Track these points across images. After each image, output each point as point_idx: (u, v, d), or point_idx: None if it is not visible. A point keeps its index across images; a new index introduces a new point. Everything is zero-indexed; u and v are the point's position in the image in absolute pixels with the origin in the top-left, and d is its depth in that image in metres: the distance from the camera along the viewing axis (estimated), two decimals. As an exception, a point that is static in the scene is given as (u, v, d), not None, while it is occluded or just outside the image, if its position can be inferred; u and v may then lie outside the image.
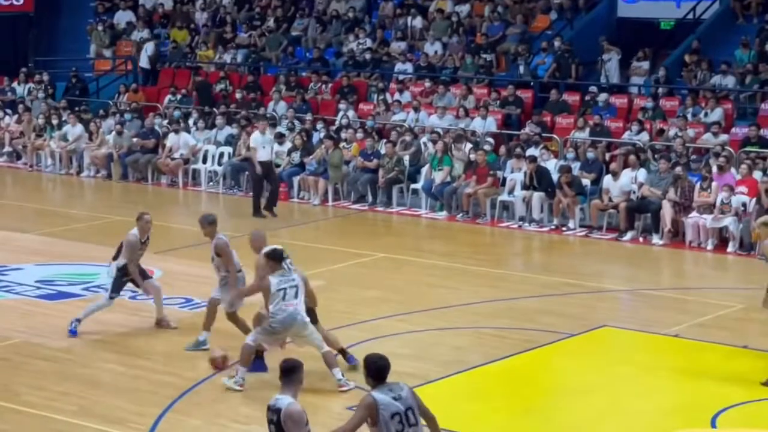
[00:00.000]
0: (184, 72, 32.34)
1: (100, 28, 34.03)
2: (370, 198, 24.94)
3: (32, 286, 18.12)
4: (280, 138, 26.00)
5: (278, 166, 25.42)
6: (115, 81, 32.70)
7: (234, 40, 32.59)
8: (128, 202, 25.38)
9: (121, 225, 22.75)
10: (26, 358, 14.84)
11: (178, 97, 30.50)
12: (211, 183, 26.82)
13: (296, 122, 27.28)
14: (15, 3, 34.37)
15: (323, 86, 29.51)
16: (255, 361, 13.80)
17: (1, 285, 18.15)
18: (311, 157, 25.47)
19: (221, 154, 26.97)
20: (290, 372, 9.03)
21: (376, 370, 9.03)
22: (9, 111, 30.86)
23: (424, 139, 25.71)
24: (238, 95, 29.54)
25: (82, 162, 28.35)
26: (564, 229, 22.70)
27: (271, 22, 32.69)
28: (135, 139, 27.90)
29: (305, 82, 30.06)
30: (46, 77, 32.37)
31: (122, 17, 34.58)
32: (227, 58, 32.11)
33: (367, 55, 30.21)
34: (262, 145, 23.81)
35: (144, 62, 32.32)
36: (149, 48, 32.25)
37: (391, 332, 15.88)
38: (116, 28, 34.33)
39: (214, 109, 28.73)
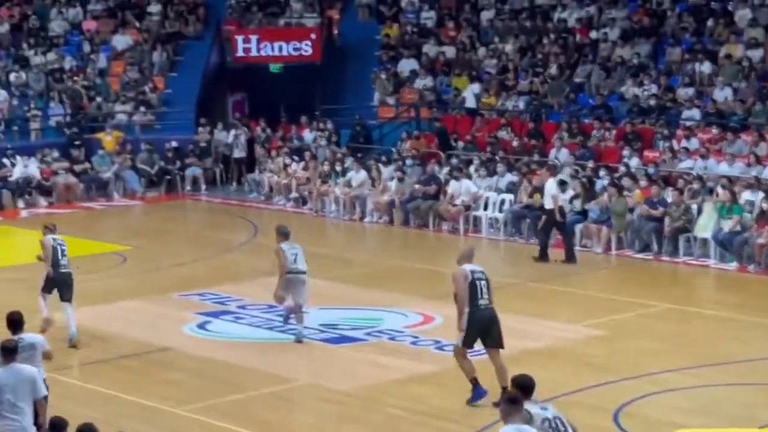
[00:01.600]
0: (465, 119, 32.42)
1: (383, 76, 34.54)
2: (655, 247, 24.27)
3: (316, 329, 18.32)
4: (562, 185, 25.65)
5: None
6: (398, 128, 33.07)
7: (516, 86, 32.52)
8: (409, 248, 25.55)
9: (402, 271, 23.00)
10: (309, 400, 14.97)
11: (460, 144, 30.56)
12: (492, 229, 26.69)
13: (579, 169, 26.89)
14: (303, 54, 35.25)
15: (606, 133, 29.05)
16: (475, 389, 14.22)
17: (286, 328, 18.41)
18: (594, 204, 25.03)
19: (502, 201, 26.83)
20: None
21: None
22: (296, 158, 31.59)
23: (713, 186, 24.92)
24: (515, 143, 29.47)
25: (365, 207, 28.70)
26: None
27: (553, 69, 32.46)
28: (417, 186, 28.07)
29: (588, 128, 29.67)
30: (330, 125, 33.04)
31: (406, 65, 35.00)
32: (509, 104, 32.05)
33: (652, 101, 29.60)
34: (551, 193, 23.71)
35: (470, 102, 32.54)
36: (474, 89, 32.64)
37: (678, 386, 15.32)
38: (400, 76, 34.77)
39: (496, 157, 28.66)
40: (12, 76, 35.38)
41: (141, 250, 25.07)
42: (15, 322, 12.51)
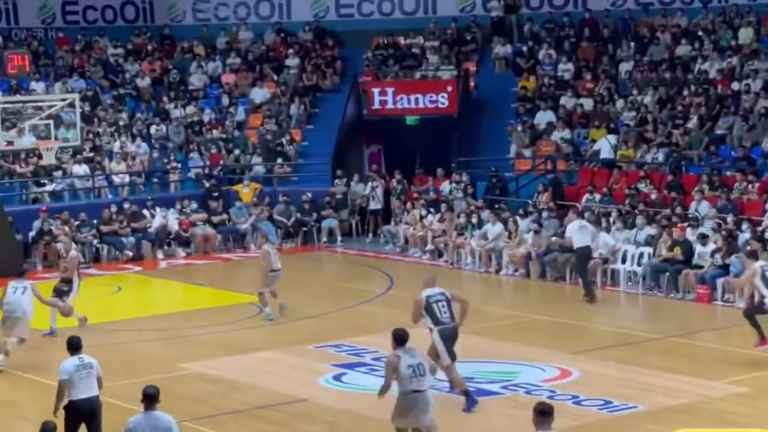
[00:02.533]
0: (603, 171, 32.07)
1: (520, 128, 34.39)
2: (799, 302, 23.60)
3: (451, 382, 18.13)
4: (703, 239, 25.23)
5: (700, 267, 24.70)
6: (534, 180, 32.85)
7: (655, 139, 32.09)
8: (546, 302, 25.24)
9: (539, 324, 22.73)
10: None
11: (597, 196, 30.24)
12: (629, 283, 26.27)
13: (720, 222, 26.36)
14: (440, 106, 35.29)
15: (749, 186, 28.46)
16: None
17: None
18: (735, 258, 24.47)
19: (641, 254, 26.40)
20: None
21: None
22: (432, 210, 31.55)
23: None
24: (654, 195, 29.05)
25: (501, 260, 28.49)
26: None
27: (693, 121, 31.97)
28: (554, 239, 27.79)
29: (729, 181, 29.11)
30: (466, 177, 32.95)
31: (542, 117, 34.82)
32: (648, 157, 31.62)
33: (797, 154, 28.98)
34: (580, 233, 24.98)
35: (606, 153, 32.29)
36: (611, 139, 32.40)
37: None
38: (536, 128, 34.60)
39: (635, 210, 28.24)
40: (153, 129, 36.07)
41: (277, 302, 25.16)
42: (73, 346, 13.22)
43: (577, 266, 25.78)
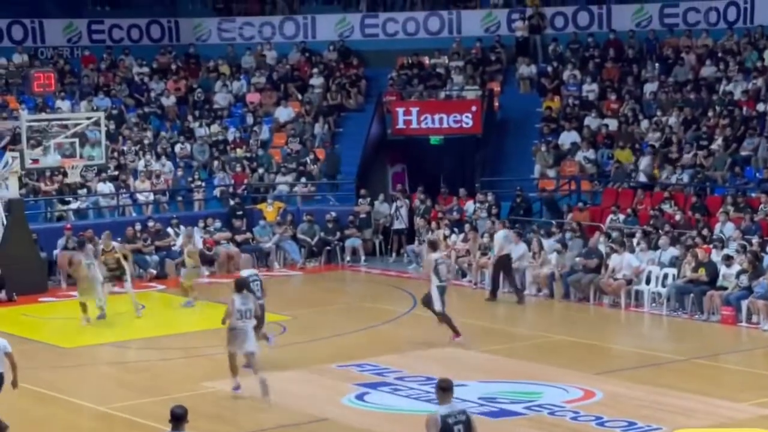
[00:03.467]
0: (627, 192, 32.01)
1: (544, 148, 34.36)
2: (825, 325, 23.51)
3: (476, 402, 18.10)
4: (728, 260, 25.15)
5: (724, 288, 24.62)
6: (559, 201, 32.79)
7: (680, 160, 32.02)
8: (569, 322, 25.18)
9: (562, 345, 22.67)
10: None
11: (621, 217, 30.17)
12: (654, 304, 26.18)
13: (746, 244, 26.25)
14: (464, 126, 35.33)
15: (774, 207, 28.38)
16: None
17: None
18: (761, 279, 24.37)
19: (665, 276, 26.31)
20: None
21: None
22: (456, 230, 31.53)
23: None
24: (678, 216, 28.98)
25: (525, 280, 28.43)
26: None
27: (719, 142, 31.89)
28: (578, 259, 27.73)
29: (755, 202, 29.01)
30: (491, 197, 32.90)
31: (567, 138, 34.78)
32: (672, 178, 31.54)
33: (822, 175, 28.86)
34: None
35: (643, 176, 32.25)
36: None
37: None
38: (560, 149, 34.56)
39: (659, 230, 28.16)
40: (177, 148, 36.18)
41: (300, 320, 25.20)
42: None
43: (500, 271, 27.58)
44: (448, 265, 23.60)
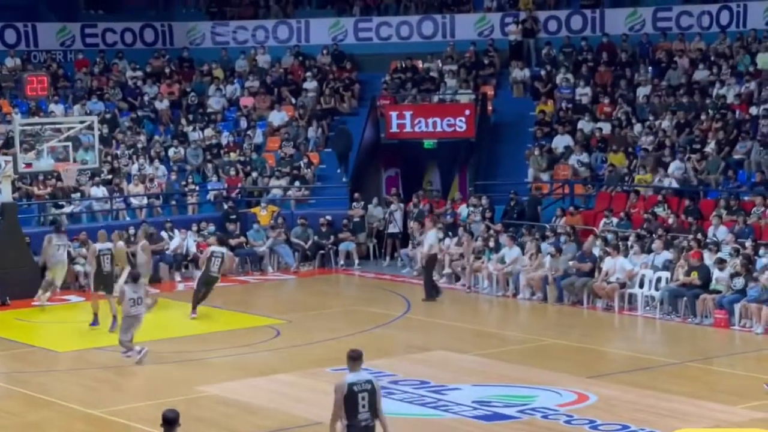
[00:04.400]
0: (621, 196, 32.04)
1: (537, 152, 34.38)
2: (819, 328, 23.56)
3: (469, 406, 18.13)
4: (720, 263, 25.19)
5: (718, 291, 24.67)
6: (552, 204, 32.84)
7: (671, 163, 32.05)
8: (563, 325, 25.19)
9: (556, 348, 22.69)
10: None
11: (614, 220, 30.20)
12: (647, 308, 26.21)
13: (739, 248, 26.29)
14: (457, 130, 35.35)
15: (767, 210, 28.40)
16: None
17: (440, 404, 18.28)
18: (754, 284, 24.40)
19: (658, 279, 26.35)
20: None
21: None
22: (450, 234, 31.54)
23: None
24: (671, 220, 29.01)
25: (518, 284, 28.46)
26: None
27: (711, 145, 31.94)
28: (571, 262, 27.76)
29: (747, 206, 29.06)
30: (484, 201, 32.92)
31: (560, 142, 34.81)
32: (666, 182, 31.58)
33: (815, 178, 28.91)
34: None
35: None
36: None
37: None
38: (554, 152, 34.59)
39: (653, 234, 28.20)
40: (171, 151, 36.18)
41: (294, 324, 25.20)
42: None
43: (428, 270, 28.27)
44: None
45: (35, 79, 33.60)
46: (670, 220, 29.31)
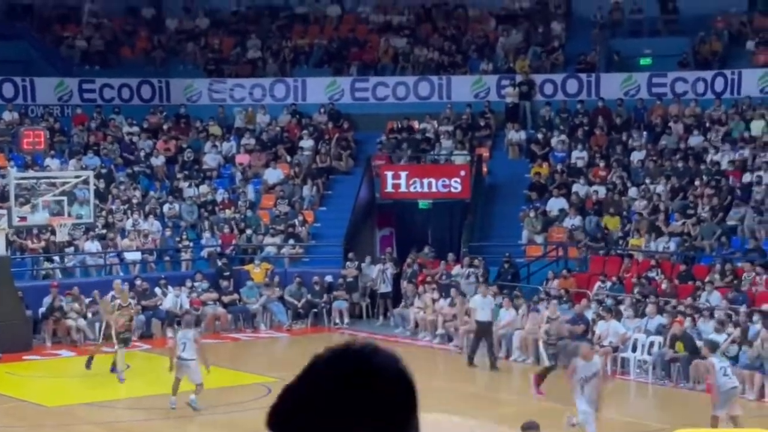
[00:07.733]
0: (615, 259, 32.06)
1: (532, 214, 34.44)
2: (811, 395, 23.51)
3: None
4: (720, 325, 25.17)
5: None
6: (546, 267, 32.84)
7: (666, 228, 32.11)
8: (555, 388, 25.07)
9: (550, 411, 22.57)
10: None
11: (608, 284, 30.21)
12: (639, 371, 26.15)
13: (732, 314, 26.29)
14: (452, 190, 35.44)
15: (757, 277, 28.42)
16: None
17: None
18: (747, 350, 24.37)
19: (651, 343, 26.30)
20: None
21: None
22: (443, 294, 31.48)
23: None
24: (665, 284, 29.02)
25: (511, 345, 28.38)
26: None
27: (705, 211, 32.03)
28: (564, 325, 27.70)
29: (741, 272, 29.08)
30: (480, 262, 32.90)
31: (555, 204, 34.89)
32: (659, 246, 31.62)
33: (808, 246, 28.96)
34: (481, 307, 26.99)
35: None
36: None
37: None
38: (548, 215, 34.65)
39: (647, 299, 28.19)
40: (165, 207, 36.19)
41: (286, 382, 25.01)
42: None
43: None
44: None
45: (32, 133, 33.74)
46: (664, 285, 29.30)
